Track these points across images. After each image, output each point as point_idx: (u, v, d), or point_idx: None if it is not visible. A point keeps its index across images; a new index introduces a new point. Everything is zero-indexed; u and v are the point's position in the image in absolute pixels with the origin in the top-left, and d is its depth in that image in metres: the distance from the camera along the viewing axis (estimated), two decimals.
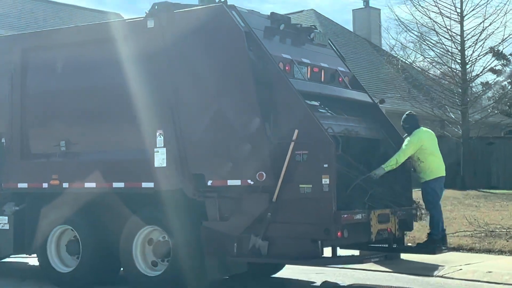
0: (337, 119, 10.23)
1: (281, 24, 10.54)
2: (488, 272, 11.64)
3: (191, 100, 9.97)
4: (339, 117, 10.39)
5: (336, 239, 9.20)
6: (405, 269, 12.21)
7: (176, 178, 9.95)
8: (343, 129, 10.05)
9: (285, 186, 9.21)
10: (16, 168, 11.48)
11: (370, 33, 37.65)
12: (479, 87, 30.14)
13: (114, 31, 11.06)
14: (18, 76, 11.52)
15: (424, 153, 10.84)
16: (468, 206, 19.53)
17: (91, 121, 10.87)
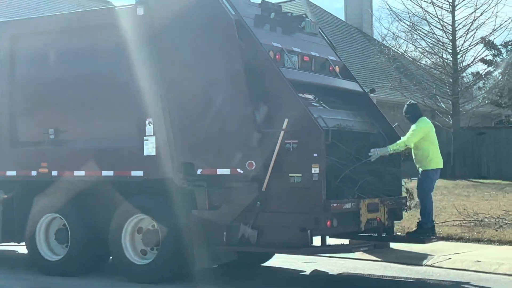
0: (331, 112, 10.17)
1: (271, 12, 10.48)
2: (476, 262, 11.67)
3: (181, 88, 9.93)
4: (333, 110, 10.35)
5: (326, 228, 9.20)
6: (394, 258, 12.23)
7: (165, 166, 9.90)
8: (336, 123, 9.99)
9: (275, 175, 9.18)
10: (4, 156, 11.42)
11: (361, 22, 37.64)
12: (470, 77, 30.26)
13: (104, 18, 11.02)
14: (6, 64, 11.46)
15: (425, 142, 10.87)
16: (458, 196, 19.60)
17: (80, 109, 10.81)
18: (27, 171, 11.19)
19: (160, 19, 10.06)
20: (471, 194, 20.56)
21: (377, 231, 10.54)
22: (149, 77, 10.07)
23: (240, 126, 9.47)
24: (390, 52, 30.09)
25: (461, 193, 20.66)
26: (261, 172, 9.23)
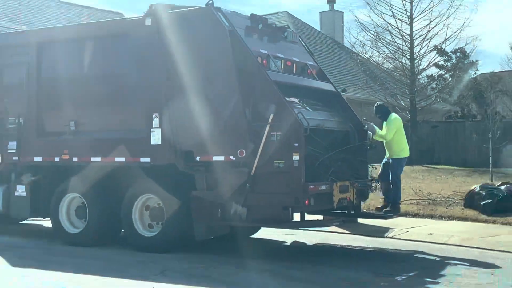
0: (311, 113, 10.13)
1: (259, 24, 10.51)
2: (430, 234, 11.83)
3: (182, 88, 9.93)
4: (314, 112, 10.33)
5: (304, 206, 9.30)
6: (361, 231, 12.34)
7: (169, 154, 9.96)
8: (316, 123, 10.07)
9: (262, 162, 9.23)
10: (32, 144, 11.42)
11: (334, 32, 37.66)
12: (425, 79, 30.36)
13: (117, 27, 11.04)
14: (34, 66, 11.42)
15: (398, 135, 11.11)
16: (414, 179, 19.71)
17: (96, 105, 10.80)
18: (51, 157, 11.19)
19: (165, 29, 10.07)
20: (425, 178, 20.72)
21: (347, 209, 10.63)
22: (155, 77, 10.11)
23: (233, 120, 9.51)
24: (358, 58, 30.15)
25: (417, 177, 20.78)
26: (250, 159, 9.28)
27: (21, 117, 11.49)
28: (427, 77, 30.40)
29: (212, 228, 9.97)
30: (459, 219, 13.25)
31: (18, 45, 11.89)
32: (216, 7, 9.89)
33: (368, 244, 11.38)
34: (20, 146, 11.48)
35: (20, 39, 12.20)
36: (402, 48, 28.28)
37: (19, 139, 11.50)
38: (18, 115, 11.52)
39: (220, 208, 9.60)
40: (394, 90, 28.66)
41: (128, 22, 10.93)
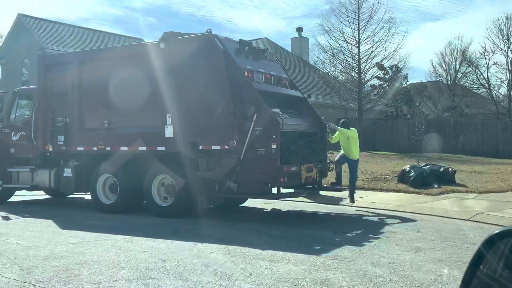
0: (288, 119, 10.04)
1: (245, 46, 10.49)
2: (372, 202, 11.90)
3: (188, 95, 9.91)
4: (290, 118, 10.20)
5: (280, 182, 9.34)
6: (322, 200, 12.39)
7: (179, 144, 9.93)
8: (293, 128, 10.07)
9: (248, 150, 9.25)
10: (76, 137, 11.34)
11: (302, 53, 37.58)
12: (369, 87, 30.47)
13: (139, 49, 10.94)
14: (76, 78, 11.34)
15: (350, 142, 11.19)
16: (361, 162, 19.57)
17: (124, 108, 10.72)
18: (90, 147, 11.14)
19: (175, 51, 10.03)
20: (369, 161, 20.83)
21: (311, 184, 10.62)
22: (168, 88, 10.05)
23: (226, 119, 9.48)
24: (319, 72, 30.22)
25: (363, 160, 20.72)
26: (239, 148, 9.29)
27: (67, 117, 11.41)
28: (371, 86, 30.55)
29: (211, 199, 10.01)
30: (394, 191, 13.33)
31: (65, 62, 11.76)
32: (213, 34, 9.85)
33: (327, 210, 11.44)
34: (67, 139, 11.41)
35: (66, 58, 12.05)
36: (352, 65, 28.34)
37: (66, 134, 11.42)
38: (65, 116, 11.44)
39: (217, 184, 9.65)
40: (346, 96, 28.76)
41: (147, 46, 10.83)
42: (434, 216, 10.28)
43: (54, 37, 30.98)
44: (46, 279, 5.71)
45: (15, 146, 12.36)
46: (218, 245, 7.42)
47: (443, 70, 39.49)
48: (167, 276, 5.77)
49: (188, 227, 9.07)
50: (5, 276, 5.81)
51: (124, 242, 7.68)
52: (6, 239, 7.98)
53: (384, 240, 7.88)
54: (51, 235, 8.34)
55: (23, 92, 13.17)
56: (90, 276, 5.80)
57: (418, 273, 5.90)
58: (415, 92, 32.66)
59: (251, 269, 6.05)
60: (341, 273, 5.89)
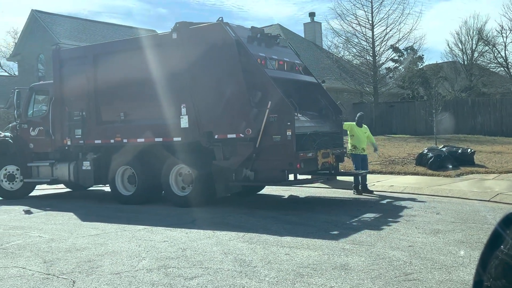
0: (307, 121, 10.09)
1: (258, 34, 10.44)
2: (391, 186, 11.85)
3: (202, 84, 9.91)
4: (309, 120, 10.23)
5: (296, 169, 9.32)
6: (339, 186, 12.38)
7: (195, 134, 9.96)
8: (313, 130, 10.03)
9: (264, 137, 9.23)
10: (93, 130, 11.42)
11: (315, 38, 37.28)
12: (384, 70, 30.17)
13: (152, 40, 10.94)
14: (91, 72, 11.39)
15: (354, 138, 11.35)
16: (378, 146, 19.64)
17: (139, 99, 10.76)
18: (107, 139, 11.21)
19: (187, 40, 10.01)
20: (386, 144, 20.71)
21: (328, 169, 10.64)
22: (182, 78, 10.05)
23: (241, 107, 9.46)
24: (333, 57, 29.98)
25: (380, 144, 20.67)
26: (255, 135, 9.28)
27: (84, 111, 11.49)
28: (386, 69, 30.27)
29: (228, 187, 10.01)
30: (412, 174, 13.27)
31: (79, 57, 11.81)
32: (224, 22, 9.81)
33: (345, 195, 11.40)
34: (84, 132, 11.50)
35: (80, 52, 12.10)
36: (366, 48, 28.07)
37: (83, 127, 11.52)
38: (82, 110, 11.52)
39: (234, 172, 9.65)
40: (361, 80, 28.55)
41: (160, 37, 10.82)
42: (453, 198, 10.19)
43: (67, 31, 31.15)
44: (69, 270, 5.81)
45: (34, 141, 12.52)
46: (237, 232, 7.46)
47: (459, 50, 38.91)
48: (187, 265, 5.83)
49: (206, 215, 9.12)
50: (29, 269, 5.93)
51: (144, 232, 7.76)
52: (29, 233, 8.13)
53: (403, 223, 7.84)
54: (73, 228, 8.46)
55: (40, 88, 13.29)
56: (112, 267, 5.88)
57: (438, 255, 5.87)
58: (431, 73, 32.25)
59: (270, 256, 6.07)
60: (360, 257, 5.88)
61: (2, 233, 8.19)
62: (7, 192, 12.82)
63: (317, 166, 9.86)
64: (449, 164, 13.26)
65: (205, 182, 9.90)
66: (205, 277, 5.32)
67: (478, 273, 1.82)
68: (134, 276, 5.47)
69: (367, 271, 5.35)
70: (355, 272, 5.35)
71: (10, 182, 12.83)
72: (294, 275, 5.29)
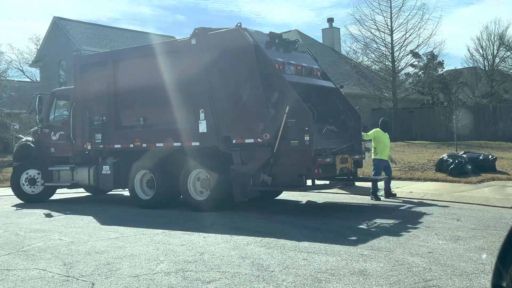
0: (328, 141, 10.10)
1: (276, 39, 10.44)
2: (410, 192, 11.72)
3: (220, 89, 9.94)
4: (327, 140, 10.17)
5: (314, 174, 9.26)
6: (358, 192, 12.29)
7: (213, 139, 9.99)
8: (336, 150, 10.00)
9: (281, 142, 9.22)
10: (113, 135, 11.54)
11: (333, 44, 37.22)
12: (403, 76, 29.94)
13: (171, 46, 11.04)
14: (111, 77, 11.53)
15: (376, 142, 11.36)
16: (397, 152, 19.53)
17: (159, 105, 10.82)
18: (127, 144, 11.30)
19: (206, 46, 10.05)
20: (405, 150, 20.53)
21: (346, 175, 10.55)
22: (200, 83, 10.09)
23: (258, 112, 9.46)
24: (352, 62, 29.87)
25: (399, 150, 20.60)
26: (273, 140, 9.28)
27: (104, 116, 11.62)
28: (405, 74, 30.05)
29: (246, 192, 9.97)
30: (432, 180, 13.12)
31: (99, 62, 11.95)
32: (243, 27, 9.85)
33: (363, 201, 11.31)
34: (104, 137, 11.62)
35: (101, 58, 12.26)
36: (385, 53, 27.90)
37: (103, 132, 11.64)
38: (102, 114, 11.65)
39: (252, 177, 9.64)
40: (380, 85, 28.37)
41: (179, 42, 10.90)
42: (474, 205, 10.04)
43: (88, 38, 31.64)
44: (89, 273, 5.87)
45: (55, 146, 12.71)
46: (254, 237, 7.46)
47: (480, 56, 38.43)
48: (205, 268, 5.85)
49: (224, 220, 9.13)
50: (49, 271, 6.01)
51: (163, 236, 7.81)
52: (49, 236, 8.24)
53: (422, 229, 7.74)
54: (92, 231, 8.56)
55: (61, 93, 13.50)
56: (131, 270, 5.93)
57: (459, 262, 5.79)
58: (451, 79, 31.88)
59: (288, 261, 6.05)
60: (379, 263, 5.83)
61: (23, 235, 8.32)
62: (28, 196, 13.02)
63: (335, 171, 9.80)
64: (469, 171, 13.08)
65: (223, 187, 9.91)
66: (223, 281, 5.33)
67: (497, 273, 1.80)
68: (152, 279, 5.50)
69: (385, 277, 5.30)
70: (373, 278, 5.30)
71: (31, 186, 13.04)
72: (312, 280, 5.26)
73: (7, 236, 8.28)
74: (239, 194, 9.90)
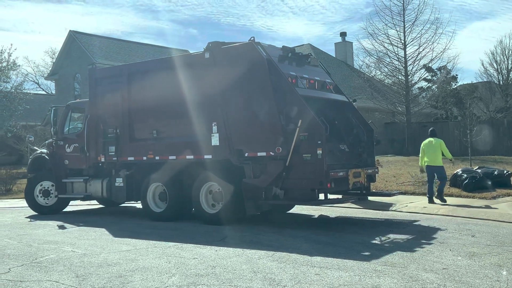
0: None
1: (289, 53, 10.46)
2: (424, 207, 11.60)
3: (233, 103, 9.96)
4: None
5: (327, 188, 9.19)
6: (371, 206, 12.20)
7: (225, 152, 9.99)
8: None
9: (294, 156, 9.19)
10: (126, 147, 11.58)
11: (346, 58, 37.25)
12: (417, 90, 29.80)
13: (184, 60, 11.11)
14: (125, 90, 11.61)
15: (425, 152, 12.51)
16: (411, 166, 19.35)
17: (172, 117, 10.87)
18: (140, 156, 11.33)
19: (219, 60, 10.10)
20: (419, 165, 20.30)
21: (359, 189, 10.49)
22: (213, 96, 10.13)
23: (271, 126, 9.45)
24: (364, 76, 29.81)
25: (413, 164, 20.37)
26: (285, 154, 9.26)
27: (118, 128, 11.68)
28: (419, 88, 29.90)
29: (258, 206, 9.94)
30: (446, 195, 12.90)
31: (114, 75, 12.06)
32: (256, 42, 9.89)
33: (376, 215, 11.23)
34: (118, 149, 11.67)
35: (115, 71, 12.37)
36: (398, 67, 27.80)
37: (117, 144, 11.69)
38: (116, 127, 11.72)
39: (264, 191, 9.59)
40: (393, 99, 28.25)
41: (193, 56, 10.99)
42: (489, 221, 9.90)
43: (103, 51, 32.05)
44: (101, 285, 5.88)
45: (69, 158, 12.82)
46: (266, 251, 7.42)
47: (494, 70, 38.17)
48: (217, 282, 5.82)
49: (236, 233, 9.10)
50: (61, 283, 6.03)
51: (175, 249, 7.80)
52: (62, 247, 8.28)
53: (437, 245, 7.65)
54: (105, 243, 8.58)
55: (76, 106, 13.65)
56: (142, 282, 5.93)
57: (474, 279, 5.70)
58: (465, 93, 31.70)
59: (300, 276, 6.01)
60: (392, 279, 5.76)
61: (36, 247, 8.37)
62: (42, 207, 13.12)
63: (348, 185, 9.74)
64: (484, 186, 12.92)
65: (235, 200, 9.89)
66: None
67: None
68: None
69: None
70: None
71: (45, 197, 13.15)
72: None
73: (21, 248, 8.34)
74: (251, 208, 9.87)
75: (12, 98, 22.88)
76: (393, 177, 16.12)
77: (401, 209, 11.68)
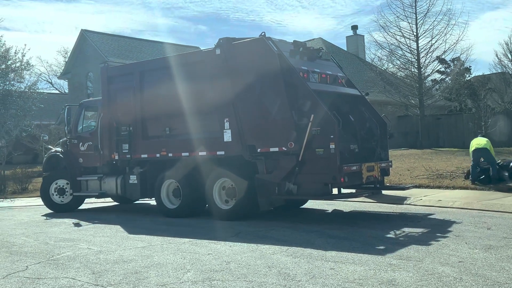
0: None
1: (300, 47, 10.44)
2: (439, 200, 11.52)
3: (245, 98, 9.96)
4: None
5: (340, 182, 9.16)
6: (385, 200, 12.15)
7: (238, 148, 10.01)
8: None
9: (307, 150, 9.17)
10: (139, 145, 11.66)
11: (357, 51, 37.06)
12: (430, 82, 29.55)
13: (196, 57, 11.13)
14: (138, 88, 11.67)
15: None
16: (425, 159, 19.27)
17: (184, 115, 10.87)
18: (153, 154, 11.40)
19: (231, 56, 10.10)
20: (433, 158, 20.19)
21: (373, 183, 10.45)
22: (225, 92, 10.13)
23: (283, 121, 9.45)
24: (377, 69, 29.62)
25: (427, 157, 20.29)
26: (297, 149, 9.24)
27: (131, 126, 11.76)
28: (432, 81, 29.66)
29: (271, 201, 9.99)
30: (461, 188, 12.87)
31: (126, 73, 12.14)
32: (267, 37, 9.87)
33: (391, 209, 11.17)
34: (131, 147, 11.75)
35: (127, 69, 12.46)
36: (411, 60, 27.62)
37: (130, 142, 11.77)
38: (129, 125, 11.80)
39: (277, 186, 9.59)
40: (406, 92, 28.05)
41: (204, 53, 11.00)
42: (505, 213, 9.81)
43: (114, 49, 32.24)
44: (117, 281, 5.94)
45: (83, 156, 12.94)
46: (280, 246, 7.43)
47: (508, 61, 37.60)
48: (232, 278, 5.85)
49: (249, 229, 9.13)
50: (78, 280, 6.11)
51: (189, 245, 7.85)
52: (78, 245, 8.38)
53: (452, 238, 7.60)
54: (120, 240, 8.66)
55: (89, 104, 13.76)
56: (158, 278, 5.98)
57: (491, 272, 5.65)
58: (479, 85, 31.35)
59: (314, 270, 6.01)
60: (408, 273, 5.73)
61: (53, 245, 8.48)
62: (57, 206, 13.27)
63: (362, 180, 9.70)
64: (501, 178, 12.79)
65: (248, 196, 9.91)
66: None
67: None
68: None
69: (415, 287, 5.21)
70: (402, 287, 5.22)
71: (60, 195, 13.29)
72: None
73: (37, 246, 8.45)
74: (264, 203, 9.90)
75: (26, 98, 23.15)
76: (407, 171, 16.03)
77: (415, 203, 11.62)
